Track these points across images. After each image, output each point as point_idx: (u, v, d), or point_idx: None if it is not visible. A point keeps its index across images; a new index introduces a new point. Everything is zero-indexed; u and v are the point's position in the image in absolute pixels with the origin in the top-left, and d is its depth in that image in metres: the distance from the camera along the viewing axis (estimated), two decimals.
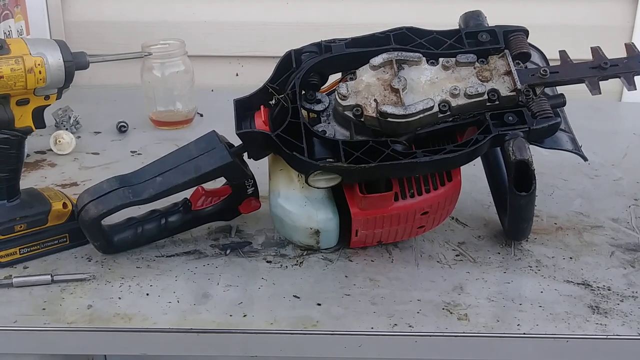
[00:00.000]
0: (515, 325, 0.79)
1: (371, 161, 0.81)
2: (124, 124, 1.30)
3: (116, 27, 1.49)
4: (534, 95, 0.85)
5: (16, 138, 0.86)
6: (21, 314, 0.80)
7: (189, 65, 1.31)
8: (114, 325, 0.79)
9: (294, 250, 0.92)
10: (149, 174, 0.87)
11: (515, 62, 0.86)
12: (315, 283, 0.85)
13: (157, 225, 0.91)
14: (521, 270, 0.88)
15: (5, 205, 0.88)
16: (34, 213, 0.88)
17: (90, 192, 0.87)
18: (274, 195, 0.88)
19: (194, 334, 0.78)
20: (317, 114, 0.87)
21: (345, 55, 0.88)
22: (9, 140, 0.85)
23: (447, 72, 0.86)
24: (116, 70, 1.52)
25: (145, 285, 0.85)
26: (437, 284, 0.85)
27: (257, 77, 0.94)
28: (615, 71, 0.86)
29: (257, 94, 0.89)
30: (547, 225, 0.98)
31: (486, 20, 0.92)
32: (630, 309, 0.81)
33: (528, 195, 0.83)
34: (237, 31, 1.50)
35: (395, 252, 0.91)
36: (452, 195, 0.88)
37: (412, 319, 0.79)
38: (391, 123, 0.82)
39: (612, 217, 1.00)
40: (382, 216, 0.86)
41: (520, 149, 0.81)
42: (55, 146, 1.20)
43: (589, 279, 0.87)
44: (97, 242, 0.89)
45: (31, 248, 0.88)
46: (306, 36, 0.95)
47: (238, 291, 0.84)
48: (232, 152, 0.87)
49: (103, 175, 0.88)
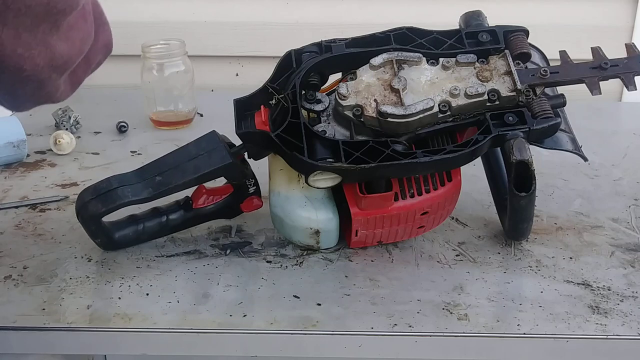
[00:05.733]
0: (515, 325, 0.79)
1: (371, 161, 0.81)
2: (124, 124, 1.29)
3: (116, 27, 1.48)
4: (534, 96, 0.85)
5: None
6: (21, 314, 0.80)
7: (189, 65, 1.31)
8: (114, 325, 0.79)
9: (294, 250, 0.92)
10: (149, 173, 0.87)
11: (515, 62, 0.86)
12: (315, 283, 0.85)
13: (158, 223, 0.91)
14: (521, 270, 0.88)
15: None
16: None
17: (90, 190, 0.87)
18: (274, 195, 0.88)
19: (194, 334, 0.78)
20: (317, 114, 0.87)
21: (345, 55, 0.88)
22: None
23: (447, 72, 0.86)
24: (116, 70, 1.52)
25: (145, 285, 0.85)
26: (437, 284, 0.85)
27: (257, 77, 0.94)
28: (616, 71, 0.86)
29: (257, 94, 0.89)
30: (547, 225, 0.98)
31: (486, 20, 0.92)
32: (630, 309, 0.81)
33: (528, 195, 0.83)
34: (237, 31, 1.50)
35: (395, 252, 0.92)
36: (452, 195, 0.88)
37: (412, 319, 0.79)
38: (391, 123, 0.82)
39: (612, 217, 1.00)
40: (382, 216, 0.86)
41: (520, 149, 0.81)
42: (55, 146, 1.20)
43: (589, 279, 0.87)
44: (98, 239, 0.89)
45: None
46: (306, 36, 0.95)
47: (238, 291, 0.84)
48: (232, 152, 0.87)
49: (103, 175, 0.88)
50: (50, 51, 0.63)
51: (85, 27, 0.67)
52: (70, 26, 0.64)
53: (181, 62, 1.30)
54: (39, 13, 0.60)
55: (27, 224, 0.98)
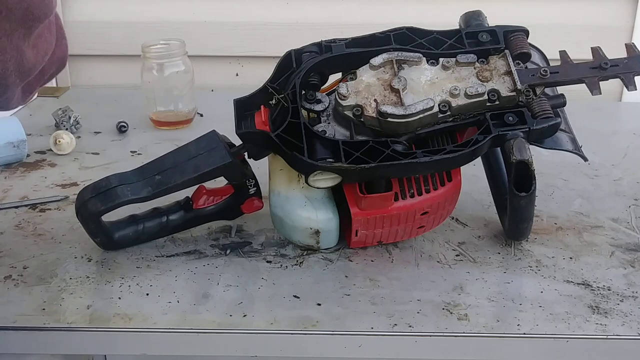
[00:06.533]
0: (515, 325, 0.79)
1: (371, 161, 0.81)
2: (124, 124, 1.29)
3: (116, 27, 1.49)
4: (534, 96, 0.85)
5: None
6: (21, 314, 0.80)
7: (189, 65, 1.31)
8: (114, 325, 0.79)
9: (294, 250, 0.92)
10: (149, 172, 0.87)
11: (515, 62, 0.86)
12: (315, 283, 0.85)
13: (158, 223, 0.91)
14: (521, 270, 0.88)
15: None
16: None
17: (89, 188, 0.87)
18: (274, 195, 0.88)
19: (194, 334, 0.78)
20: (317, 114, 0.87)
21: (345, 55, 0.88)
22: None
23: (447, 72, 0.86)
24: (116, 70, 1.53)
25: (145, 285, 0.85)
26: (437, 284, 0.85)
27: (257, 77, 0.94)
28: (616, 71, 0.86)
29: (257, 94, 0.89)
30: (547, 225, 0.98)
31: (486, 20, 0.92)
32: (630, 309, 0.81)
33: (528, 195, 0.83)
34: (237, 31, 1.50)
35: (395, 252, 0.92)
36: (452, 195, 0.88)
37: (412, 319, 0.79)
38: (391, 123, 0.82)
39: (612, 217, 1.00)
40: (382, 216, 0.86)
41: (520, 149, 0.81)
42: (55, 146, 1.20)
43: (589, 279, 0.87)
44: (98, 238, 0.89)
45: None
46: (306, 36, 0.95)
47: (238, 291, 0.84)
48: (232, 152, 0.87)
49: (103, 175, 0.88)
50: (20, 57, 0.64)
51: (50, 38, 0.69)
52: (39, 35, 0.65)
53: (181, 62, 1.30)
54: (18, 18, 0.61)
55: (27, 224, 0.98)
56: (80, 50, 1.46)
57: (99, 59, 1.52)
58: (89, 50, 1.49)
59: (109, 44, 1.49)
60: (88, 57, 1.50)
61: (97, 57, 1.51)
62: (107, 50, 1.51)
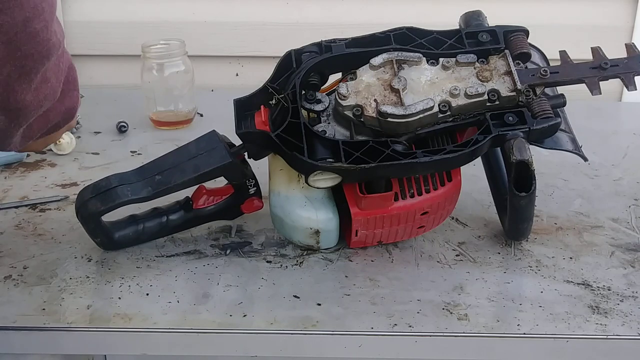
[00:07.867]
0: (515, 325, 0.79)
1: (371, 161, 0.81)
2: (124, 124, 1.29)
3: (116, 27, 1.49)
4: (534, 96, 0.85)
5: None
6: (21, 314, 0.80)
7: (189, 65, 1.31)
8: (114, 325, 0.79)
9: (294, 250, 0.92)
10: (149, 172, 0.87)
11: (515, 62, 0.86)
12: (315, 283, 0.85)
13: (158, 223, 0.91)
14: (521, 270, 0.88)
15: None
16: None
17: (89, 188, 0.87)
18: (274, 195, 0.88)
19: (194, 334, 0.78)
20: (317, 114, 0.87)
21: (345, 55, 0.88)
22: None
23: (447, 72, 0.86)
24: (116, 70, 1.52)
25: (145, 285, 0.85)
26: (437, 284, 0.85)
27: (257, 77, 0.94)
28: (616, 71, 0.86)
29: (257, 94, 0.89)
30: (547, 225, 0.98)
31: (486, 20, 0.92)
32: (630, 309, 0.81)
33: (528, 195, 0.83)
34: (237, 31, 1.50)
35: (395, 252, 0.91)
36: (452, 195, 0.88)
37: (412, 319, 0.79)
38: (391, 123, 0.82)
39: (612, 217, 1.00)
40: (382, 216, 0.86)
41: (520, 149, 0.81)
42: (55, 146, 1.20)
43: (589, 279, 0.87)
44: (98, 239, 0.89)
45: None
46: (306, 36, 0.95)
47: (238, 291, 0.84)
48: (232, 152, 0.87)
49: (103, 175, 0.88)
50: (6, 93, 0.64)
51: (55, 85, 0.68)
52: (44, 79, 0.65)
53: (181, 62, 1.30)
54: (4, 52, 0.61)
55: (27, 224, 0.98)
56: (80, 50, 1.46)
57: (99, 59, 1.52)
58: (89, 50, 1.49)
59: (109, 44, 1.49)
60: (88, 57, 1.49)
61: (97, 57, 1.51)
62: (107, 50, 1.51)
